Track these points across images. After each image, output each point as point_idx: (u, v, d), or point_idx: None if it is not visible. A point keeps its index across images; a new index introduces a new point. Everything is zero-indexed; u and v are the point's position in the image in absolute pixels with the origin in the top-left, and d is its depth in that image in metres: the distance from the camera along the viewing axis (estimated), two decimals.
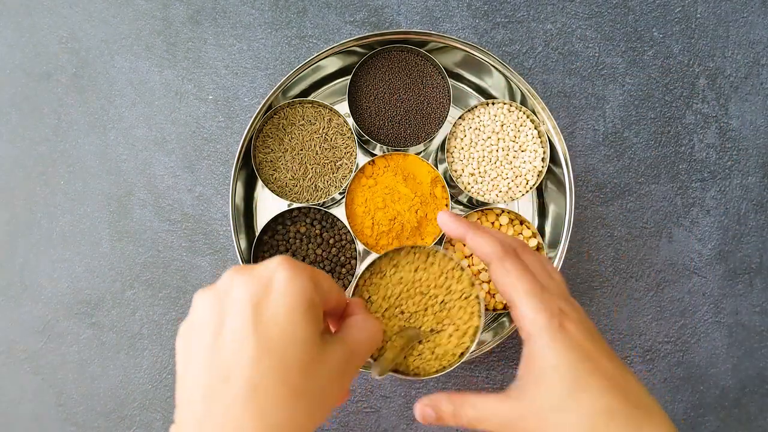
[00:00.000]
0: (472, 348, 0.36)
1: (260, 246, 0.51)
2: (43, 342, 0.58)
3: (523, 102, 0.52)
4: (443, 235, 0.52)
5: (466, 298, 0.37)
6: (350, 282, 0.51)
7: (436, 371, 0.37)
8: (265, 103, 0.50)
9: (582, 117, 0.59)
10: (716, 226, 0.59)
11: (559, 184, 0.52)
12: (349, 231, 0.50)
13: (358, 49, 0.52)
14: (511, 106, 0.52)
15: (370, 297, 0.38)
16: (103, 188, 0.58)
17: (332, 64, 0.54)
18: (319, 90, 0.56)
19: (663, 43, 0.59)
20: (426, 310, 0.37)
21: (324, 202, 0.51)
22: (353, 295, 0.38)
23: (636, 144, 0.59)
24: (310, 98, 0.53)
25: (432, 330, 0.37)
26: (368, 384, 0.58)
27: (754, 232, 0.60)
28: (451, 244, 0.52)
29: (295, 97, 0.54)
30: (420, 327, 0.37)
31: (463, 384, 0.58)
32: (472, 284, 0.37)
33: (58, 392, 0.58)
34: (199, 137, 0.58)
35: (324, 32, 0.58)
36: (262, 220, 0.56)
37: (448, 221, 0.37)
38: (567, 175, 0.51)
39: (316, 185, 0.51)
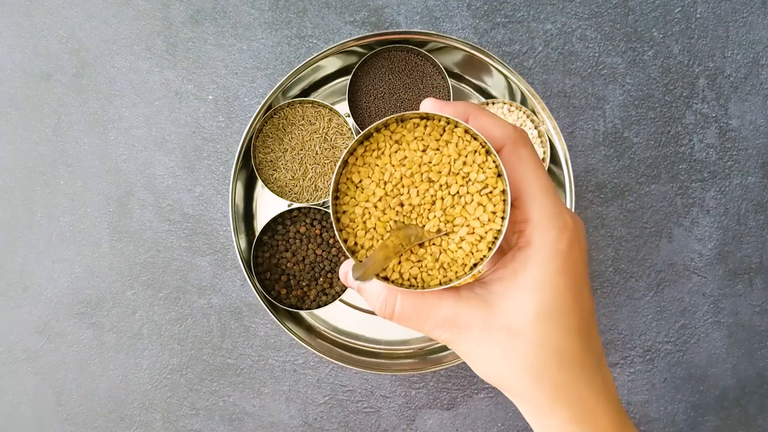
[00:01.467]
0: (489, 258, 0.28)
1: (260, 246, 0.51)
2: (43, 342, 0.58)
3: (523, 102, 0.52)
4: None
5: (489, 193, 0.28)
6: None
7: (439, 283, 0.29)
8: (265, 103, 0.50)
9: (582, 117, 0.59)
10: (716, 226, 0.59)
11: (559, 184, 0.52)
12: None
13: (358, 49, 0.52)
14: (511, 106, 0.52)
15: (360, 181, 0.29)
16: (103, 188, 0.58)
17: (332, 64, 0.54)
18: (319, 90, 0.56)
19: (663, 43, 0.59)
20: (434, 203, 0.29)
21: (324, 202, 0.51)
22: (340, 177, 0.30)
23: (636, 144, 0.59)
24: (310, 98, 0.53)
25: (439, 230, 0.29)
26: (368, 384, 0.58)
27: (754, 232, 0.60)
28: None
29: (295, 97, 0.54)
30: (423, 225, 0.29)
31: (464, 384, 0.58)
32: (499, 174, 0.28)
33: (58, 392, 0.58)
34: (199, 137, 0.58)
35: (324, 32, 0.58)
36: (262, 220, 0.56)
37: (439, 105, 0.29)
38: (567, 175, 0.51)
39: (316, 185, 0.51)
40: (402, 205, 0.29)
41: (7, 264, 0.58)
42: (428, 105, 0.29)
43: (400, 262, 0.29)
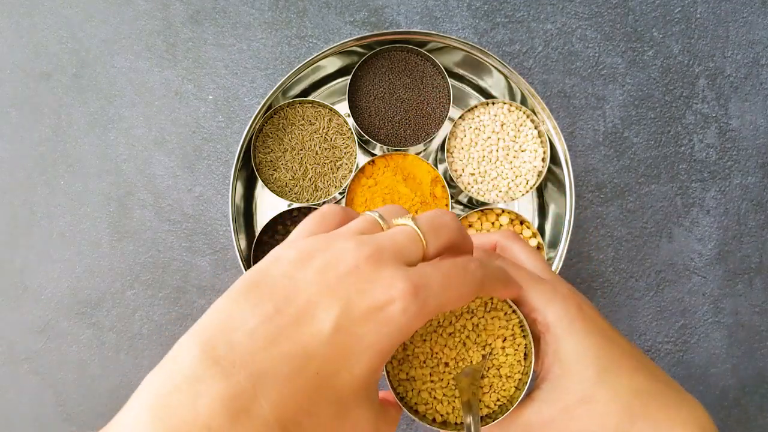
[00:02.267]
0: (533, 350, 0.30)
1: (260, 246, 0.51)
2: (43, 342, 0.58)
3: (523, 102, 0.52)
4: None
5: (493, 309, 0.31)
6: None
7: (516, 387, 0.31)
8: (265, 103, 0.50)
9: (582, 117, 0.59)
10: (716, 226, 0.59)
11: (559, 184, 0.52)
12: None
13: (358, 49, 0.52)
14: (511, 105, 0.52)
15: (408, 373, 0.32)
16: (103, 188, 0.58)
17: (332, 64, 0.54)
18: (319, 90, 0.56)
19: (663, 43, 0.59)
20: (464, 344, 0.30)
21: (323, 202, 0.51)
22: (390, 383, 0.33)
23: (636, 144, 0.59)
24: (310, 98, 0.53)
25: (483, 356, 0.30)
26: None
27: (754, 232, 0.60)
28: None
29: (295, 97, 0.54)
30: (471, 362, 0.30)
31: None
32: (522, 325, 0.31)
33: (58, 392, 0.58)
34: (199, 137, 0.58)
35: (324, 32, 0.58)
36: (262, 220, 0.56)
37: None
38: (567, 175, 0.51)
39: (316, 185, 0.51)
40: (447, 364, 0.30)
41: (7, 264, 0.58)
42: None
43: (480, 400, 0.30)
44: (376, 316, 0.23)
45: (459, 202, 0.57)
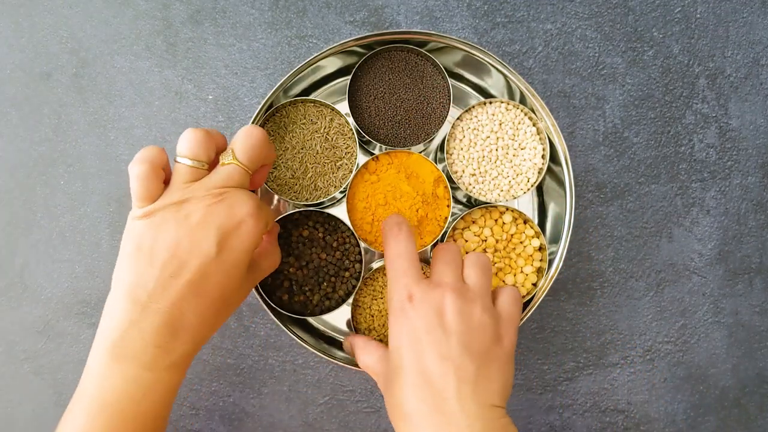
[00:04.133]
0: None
1: None
2: (43, 342, 0.58)
3: (523, 101, 0.52)
4: (444, 234, 0.52)
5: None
6: (354, 286, 0.50)
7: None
8: (265, 103, 0.50)
9: (582, 117, 0.59)
10: (716, 226, 0.59)
11: (559, 183, 0.52)
12: (352, 234, 0.50)
13: (358, 49, 0.52)
14: (508, 104, 0.52)
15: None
16: (103, 188, 0.58)
17: (332, 64, 0.54)
18: (319, 90, 0.56)
19: (663, 43, 0.59)
20: None
21: (322, 202, 0.51)
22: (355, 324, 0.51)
23: (636, 144, 0.59)
24: (312, 97, 0.53)
25: None
26: (368, 384, 0.58)
27: (754, 232, 0.60)
28: (453, 239, 0.52)
29: (296, 96, 0.54)
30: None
31: None
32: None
33: (58, 392, 0.58)
34: None
35: (324, 32, 0.58)
36: None
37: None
38: (567, 174, 0.51)
39: (315, 184, 0.51)
40: None
41: (7, 264, 0.58)
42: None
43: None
44: (239, 230, 0.37)
45: (458, 201, 0.57)
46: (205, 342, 0.39)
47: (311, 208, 0.50)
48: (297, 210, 0.50)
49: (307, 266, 0.50)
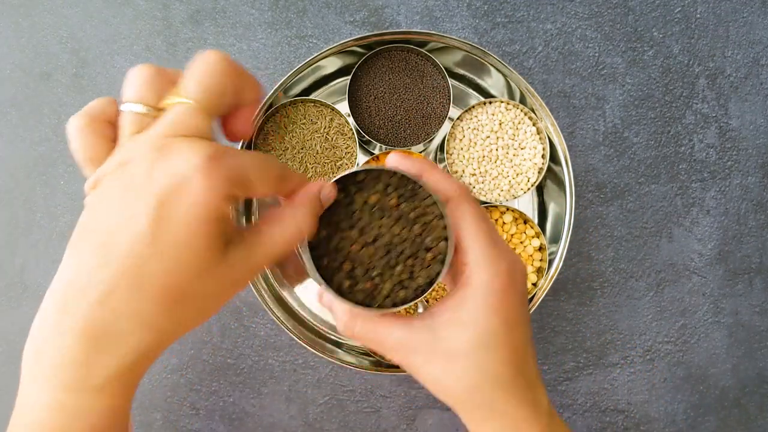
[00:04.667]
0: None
1: None
2: None
3: (523, 101, 0.52)
4: None
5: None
6: (438, 272, 0.34)
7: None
8: (265, 103, 0.50)
9: (582, 117, 0.59)
10: (716, 226, 0.59)
11: (559, 183, 0.52)
12: (435, 203, 0.35)
13: (358, 49, 0.52)
14: (508, 104, 0.52)
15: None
16: None
17: (332, 64, 0.54)
18: (319, 90, 0.56)
19: (663, 43, 0.59)
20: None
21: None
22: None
23: (636, 144, 0.59)
24: (312, 97, 0.53)
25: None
26: (368, 384, 0.58)
27: (754, 232, 0.60)
28: None
29: (295, 96, 0.54)
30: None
31: None
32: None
33: None
34: None
35: (324, 32, 0.58)
36: None
37: (400, 161, 0.33)
38: (567, 174, 0.51)
39: None
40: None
41: (7, 264, 0.58)
42: (394, 159, 0.34)
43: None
44: (180, 194, 0.25)
45: None
46: (158, 354, 0.28)
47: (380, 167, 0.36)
48: (362, 169, 0.35)
49: (373, 243, 0.36)
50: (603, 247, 0.59)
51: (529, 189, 0.52)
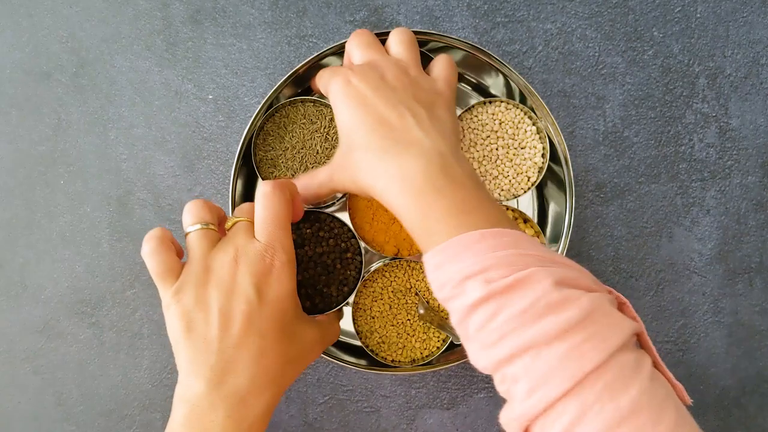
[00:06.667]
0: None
1: None
2: (43, 342, 0.58)
3: (523, 101, 0.52)
4: None
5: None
6: (361, 262, 0.49)
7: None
8: (265, 103, 0.50)
9: (582, 117, 0.59)
10: (716, 226, 0.59)
11: (559, 182, 0.52)
12: (335, 218, 0.48)
13: None
14: (508, 104, 0.52)
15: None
16: (103, 188, 0.58)
17: (332, 64, 0.54)
18: None
19: (663, 42, 0.59)
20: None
21: (324, 201, 0.51)
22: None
23: (636, 144, 0.59)
24: (311, 97, 0.53)
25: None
26: (368, 384, 0.58)
27: (754, 232, 0.60)
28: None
29: (296, 96, 0.54)
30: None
31: (464, 384, 0.58)
32: None
33: (58, 392, 0.58)
34: (199, 137, 0.58)
35: (324, 32, 0.58)
36: None
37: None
38: (567, 174, 0.51)
39: None
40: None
41: (7, 264, 0.58)
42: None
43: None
44: (269, 280, 0.37)
45: None
46: (274, 405, 0.41)
47: (311, 208, 0.50)
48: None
49: (312, 267, 0.48)
50: (603, 247, 0.59)
51: (529, 188, 0.52)
